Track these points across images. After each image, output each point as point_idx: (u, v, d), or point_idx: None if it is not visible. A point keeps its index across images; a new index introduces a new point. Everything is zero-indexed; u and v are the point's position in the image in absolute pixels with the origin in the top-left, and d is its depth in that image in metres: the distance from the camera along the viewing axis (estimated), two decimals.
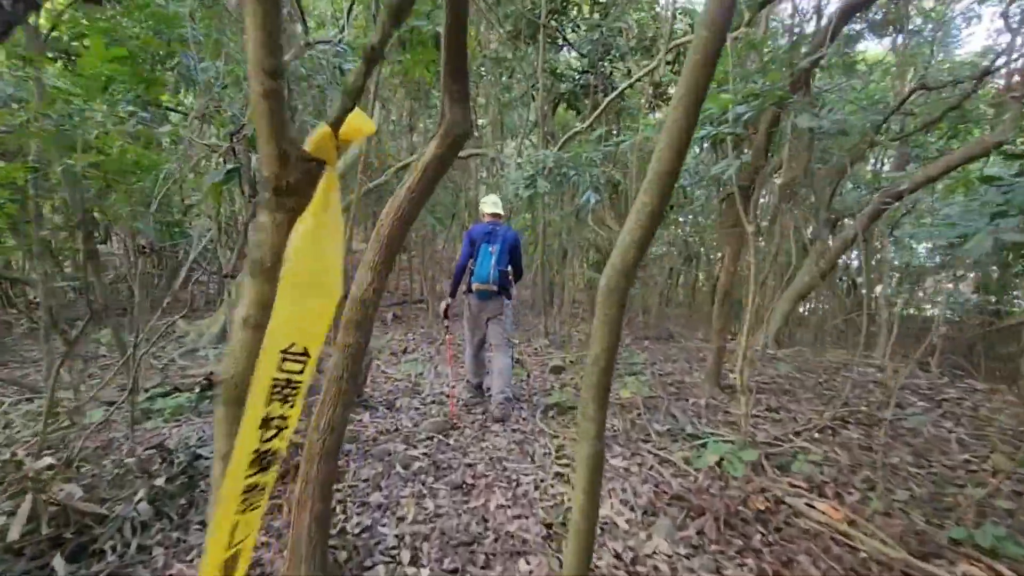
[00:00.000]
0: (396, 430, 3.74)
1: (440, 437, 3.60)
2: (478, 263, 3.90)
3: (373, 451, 3.32)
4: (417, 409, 4.24)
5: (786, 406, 4.07)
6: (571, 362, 5.70)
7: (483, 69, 8.85)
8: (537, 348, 6.55)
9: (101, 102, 3.12)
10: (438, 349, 6.56)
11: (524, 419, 3.97)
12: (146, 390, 4.32)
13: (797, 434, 3.50)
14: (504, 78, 9.12)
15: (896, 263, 7.78)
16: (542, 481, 2.96)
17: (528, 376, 5.02)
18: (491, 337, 4.08)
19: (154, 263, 8.53)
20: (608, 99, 5.66)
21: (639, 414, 3.90)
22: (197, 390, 4.33)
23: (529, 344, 6.90)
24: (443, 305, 4.11)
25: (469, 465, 3.17)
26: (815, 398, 4.34)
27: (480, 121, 10.37)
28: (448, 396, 4.37)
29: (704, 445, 3.28)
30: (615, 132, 7.53)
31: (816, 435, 3.51)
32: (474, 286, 3.94)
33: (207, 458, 3.08)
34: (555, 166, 4.74)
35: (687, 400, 4.25)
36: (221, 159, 2.33)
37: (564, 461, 3.21)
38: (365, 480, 2.93)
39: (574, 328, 6.58)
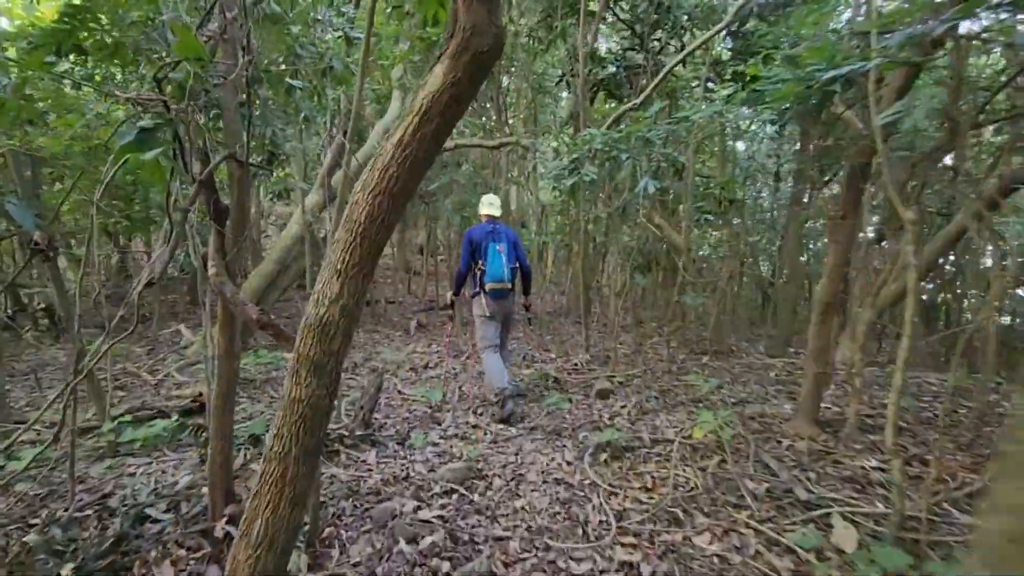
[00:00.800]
0: (407, 478, 2.94)
1: (462, 491, 2.78)
2: (489, 263, 3.82)
3: (374, 512, 2.52)
4: (435, 446, 3.44)
5: (921, 455, 3.08)
6: (620, 383, 4.80)
7: (514, 57, 8.08)
8: (577, 364, 5.68)
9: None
10: (464, 364, 5.77)
11: (568, 464, 3.12)
12: (116, 417, 3.66)
13: (955, 504, 2.52)
14: (538, 63, 8.33)
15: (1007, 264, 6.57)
16: (602, 573, 2.10)
17: (570, 402, 4.16)
18: (503, 333, 4.14)
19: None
20: (664, 71, 4.77)
21: (722, 462, 2.99)
22: (175, 416, 3.65)
23: (567, 359, 6.03)
24: (448, 297, 4.38)
25: (498, 539, 2.34)
26: (949, 441, 3.33)
27: (510, 120, 9.59)
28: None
29: (828, 518, 2.36)
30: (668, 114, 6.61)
31: (967, 501, 2.52)
32: (488, 286, 3.84)
33: (157, 521, 2.35)
34: (604, 148, 3.88)
35: (778, 442, 3.31)
36: (138, 113, 1.55)
37: (630, 537, 2.34)
38: (356, 564, 2.13)
39: (617, 341, 5.69)
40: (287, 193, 5.69)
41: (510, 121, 9.41)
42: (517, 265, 3.95)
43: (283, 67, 4.02)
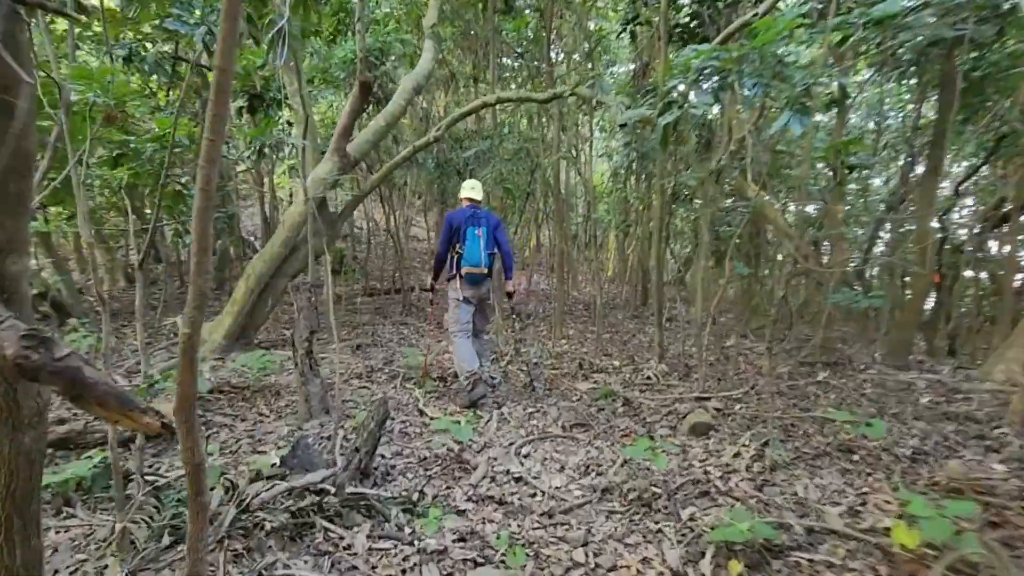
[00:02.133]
0: None
1: None
2: (467, 247, 3.78)
3: None
4: (460, 513, 2.29)
5: None
6: (717, 410, 3.50)
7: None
8: (651, 377, 4.40)
9: None
10: (506, 372, 4.60)
11: (673, 573, 1.89)
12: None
13: None
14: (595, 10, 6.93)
15: None
16: None
17: (662, 452, 2.89)
18: (478, 322, 4.03)
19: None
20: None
21: None
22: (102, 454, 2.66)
23: (635, 367, 4.74)
24: (428, 281, 4.27)
25: None
26: None
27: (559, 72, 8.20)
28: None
29: None
30: None
31: None
32: (464, 270, 3.78)
33: None
34: (715, 69, 2.56)
35: None
36: None
37: None
38: None
39: (706, 348, 4.36)
40: (275, 150, 4.65)
41: (561, 76, 8.05)
42: (496, 251, 3.92)
43: None
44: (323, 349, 4.85)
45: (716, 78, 2.66)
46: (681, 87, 3.04)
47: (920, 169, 6.04)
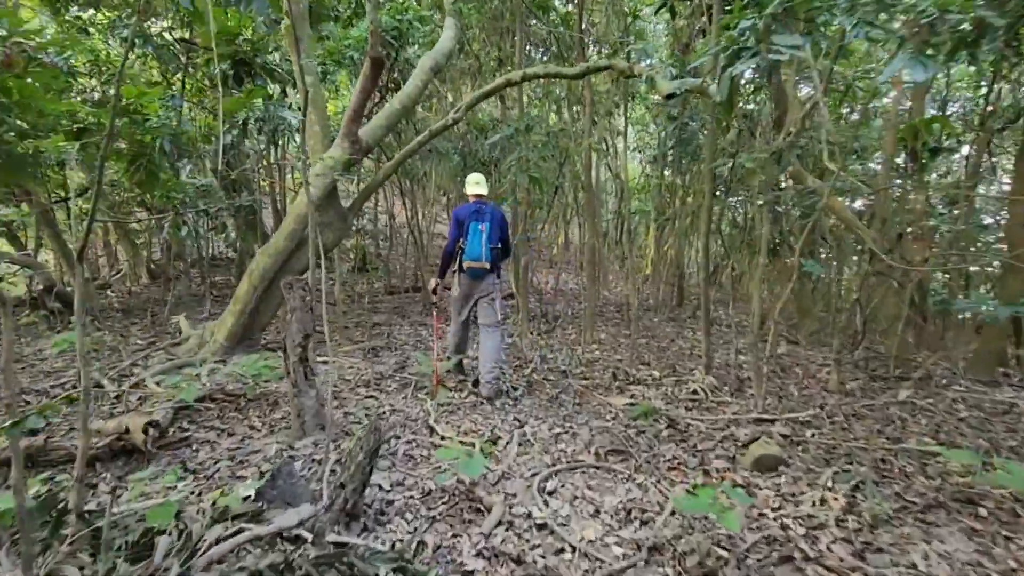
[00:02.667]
0: None
1: None
2: (469, 242, 3.84)
3: None
4: (467, 575, 1.78)
5: None
6: (792, 441, 2.88)
7: None
8: (697, 391, 3.81)
9: None
10: (530, 382, 4.08)
11: None
12: None
13: None
14: None
15: None
16: None
17: (707, 473, 2.31)
18: (481, 317, 3.97)
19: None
20: None
21: None
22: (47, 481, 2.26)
23: (677, 379, 4.15)
24: (432, 282, 4.18)
25: None
26: None
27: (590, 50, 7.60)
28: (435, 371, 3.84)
29: None
30: None
31: None
32: (466, 264, 3.85)
33: None
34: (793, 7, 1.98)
35: None
36: None
37: None
38: None
39: (763, 356, 3.71)
40: (264, 125, 4.20)
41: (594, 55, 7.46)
42: (499, 246, 3.97)
43: None
44: (333, 351, 4.44)
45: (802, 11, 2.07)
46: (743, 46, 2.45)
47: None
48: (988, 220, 5.87)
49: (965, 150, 6.64)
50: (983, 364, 4.70)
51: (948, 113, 7.05)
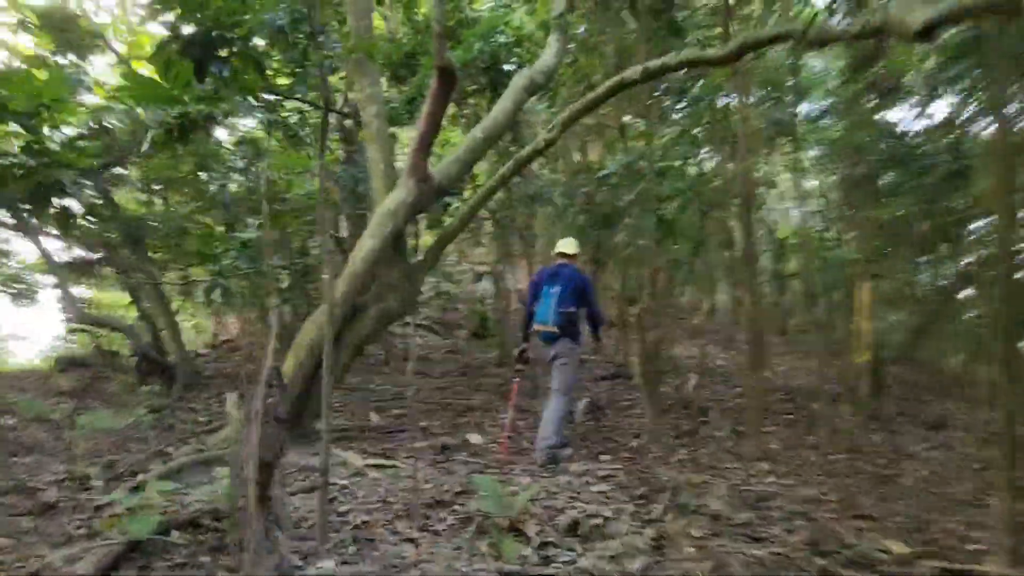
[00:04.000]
0: None
1: None
2: (539, 305, 3.85)
3: None
4: None
5: None
6: None
7: None
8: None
9: None
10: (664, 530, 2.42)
11: None
12: None
13: None
14: None
15: None
16: None
17: None
18: (552, 381, 3.92)
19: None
20: None
21: None
22: None
23: (942, 564, 2.16)
24: (516, 351, 4.19)
25: None
26: None
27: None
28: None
29: None
30: None
31: None
32: (534, 328, 3.91)
33: None
34: None
35: None
36: None
37: None
38: None
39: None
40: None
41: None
42: (574, 309, 3.82)
43: None
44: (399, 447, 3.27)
45: None
46: None
47: None
48: None
49: None
50: None
51: None
